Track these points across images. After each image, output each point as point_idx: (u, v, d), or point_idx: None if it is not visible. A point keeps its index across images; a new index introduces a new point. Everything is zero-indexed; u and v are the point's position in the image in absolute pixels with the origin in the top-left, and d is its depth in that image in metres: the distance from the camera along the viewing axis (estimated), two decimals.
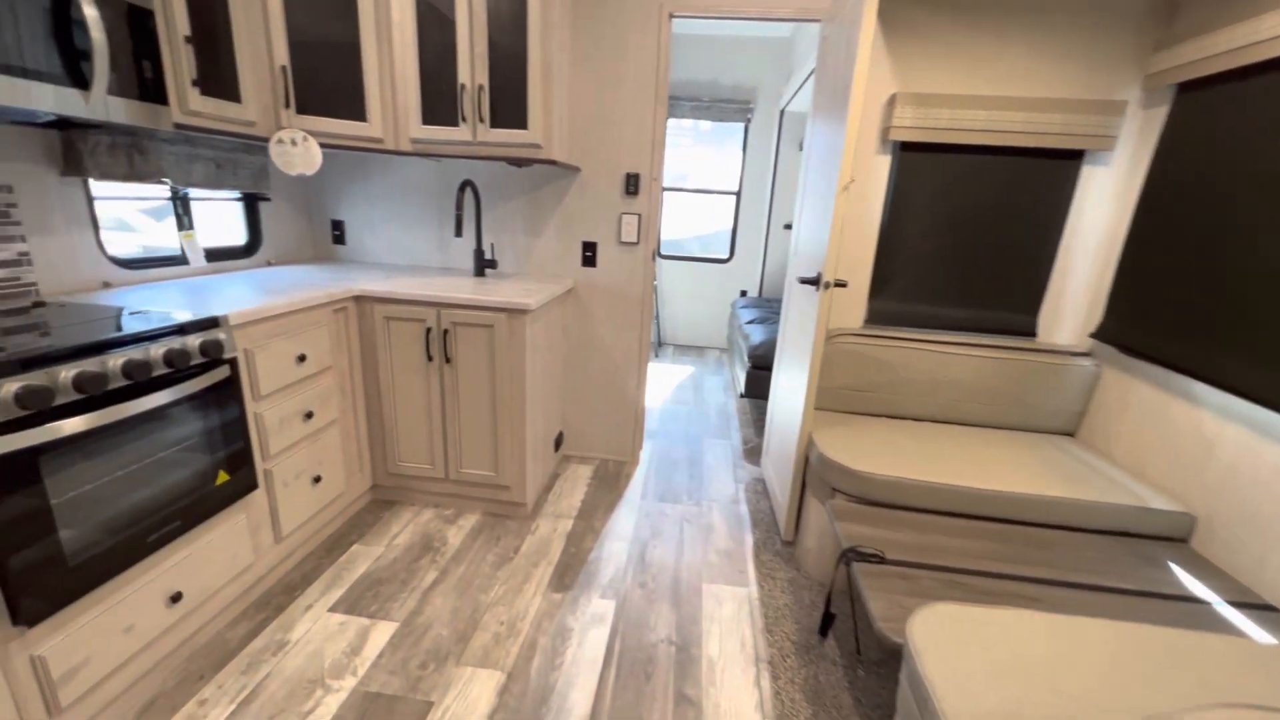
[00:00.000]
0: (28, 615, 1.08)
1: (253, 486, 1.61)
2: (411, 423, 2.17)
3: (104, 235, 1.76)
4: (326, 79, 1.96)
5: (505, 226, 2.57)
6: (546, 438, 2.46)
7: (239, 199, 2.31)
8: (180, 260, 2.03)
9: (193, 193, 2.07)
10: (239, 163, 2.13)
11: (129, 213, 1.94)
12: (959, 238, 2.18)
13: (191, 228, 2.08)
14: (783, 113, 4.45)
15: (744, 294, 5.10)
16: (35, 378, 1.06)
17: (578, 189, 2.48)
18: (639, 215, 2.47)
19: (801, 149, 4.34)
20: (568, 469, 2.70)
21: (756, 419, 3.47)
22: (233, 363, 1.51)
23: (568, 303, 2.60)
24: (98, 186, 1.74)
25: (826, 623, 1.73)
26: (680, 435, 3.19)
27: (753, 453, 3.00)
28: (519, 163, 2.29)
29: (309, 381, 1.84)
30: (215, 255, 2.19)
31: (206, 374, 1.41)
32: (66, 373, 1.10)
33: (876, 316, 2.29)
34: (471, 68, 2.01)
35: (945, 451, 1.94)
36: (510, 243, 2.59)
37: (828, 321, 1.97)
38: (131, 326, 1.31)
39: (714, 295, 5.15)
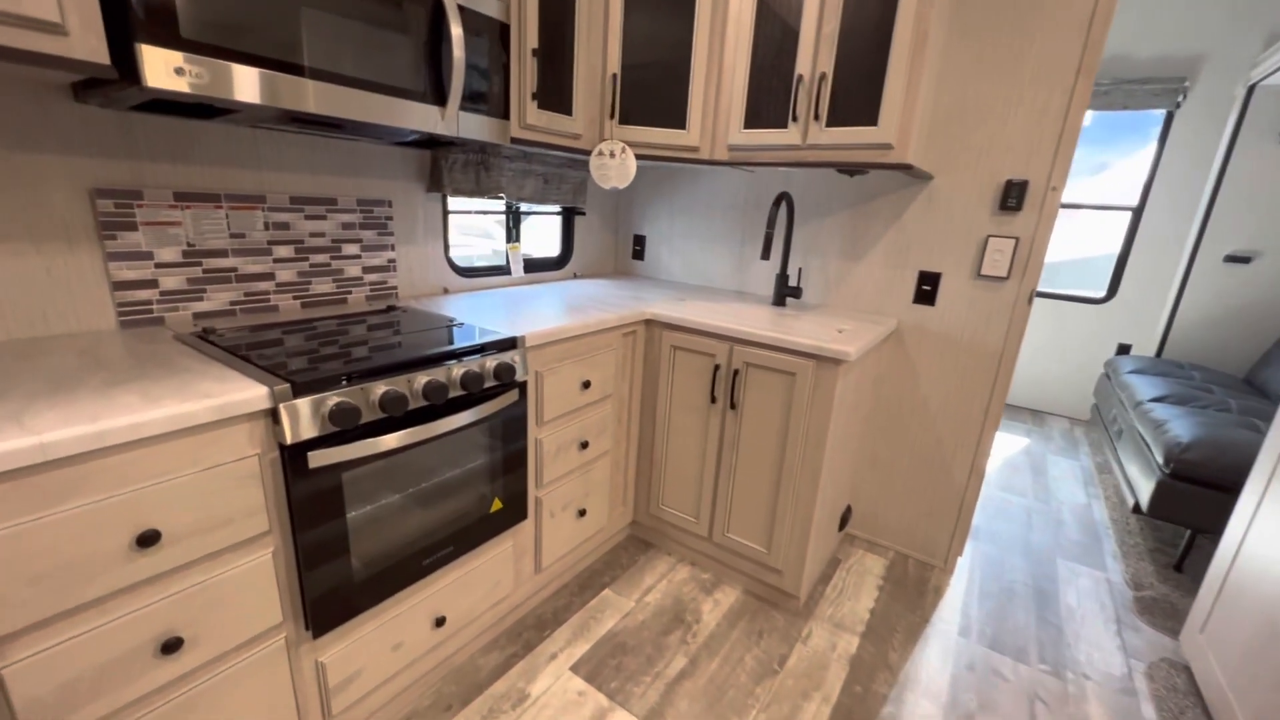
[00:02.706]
0: (318, 623, 1.09)
1: (522, 516, 1.53)
2: (681, 467, 1.91)
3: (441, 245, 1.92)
4: (651, 86, 1.81)
5: (817, 248, 2.13)
6: (832, 512, 1.95)
7: (559, 213, 2.40)
8: (504, 270, 2.16)
9: (522, 207, 2.18)
10: (563, 178, 2.18)
11: (468, 225, 2.12)
12: None
13: (518, 240, 2.20)
14: (1252, 89, 2.96)
15: (1124, 350, 3.64)
16: (350, 394, 1.04)
17: (924, 202, 1.89)
18: (1016, 240, 1.75)
19: None
20: (852, 555, 2.13)
21: (1155, 548, 2.30)
22: (522, 386, 1.42)
23: (885, 347, 2.03)
24: (450, 202, 1.90)
25: None
26: (1015, 542, 2.29)
27: (1156, 608, 1.94)
28: (852, 170, 1.82)
29: (590, 409, 1.72)
30: (531, 266, 2.29)
31: (498, 398, 1.33)
32: (377, 390, 1.07)
33: None
34: (815, 53, 1.62)
35: None
36: (819, 267, 2.14)
37: None
38: (443, 342, 1.28)
39: (1070, 345, 3.80)
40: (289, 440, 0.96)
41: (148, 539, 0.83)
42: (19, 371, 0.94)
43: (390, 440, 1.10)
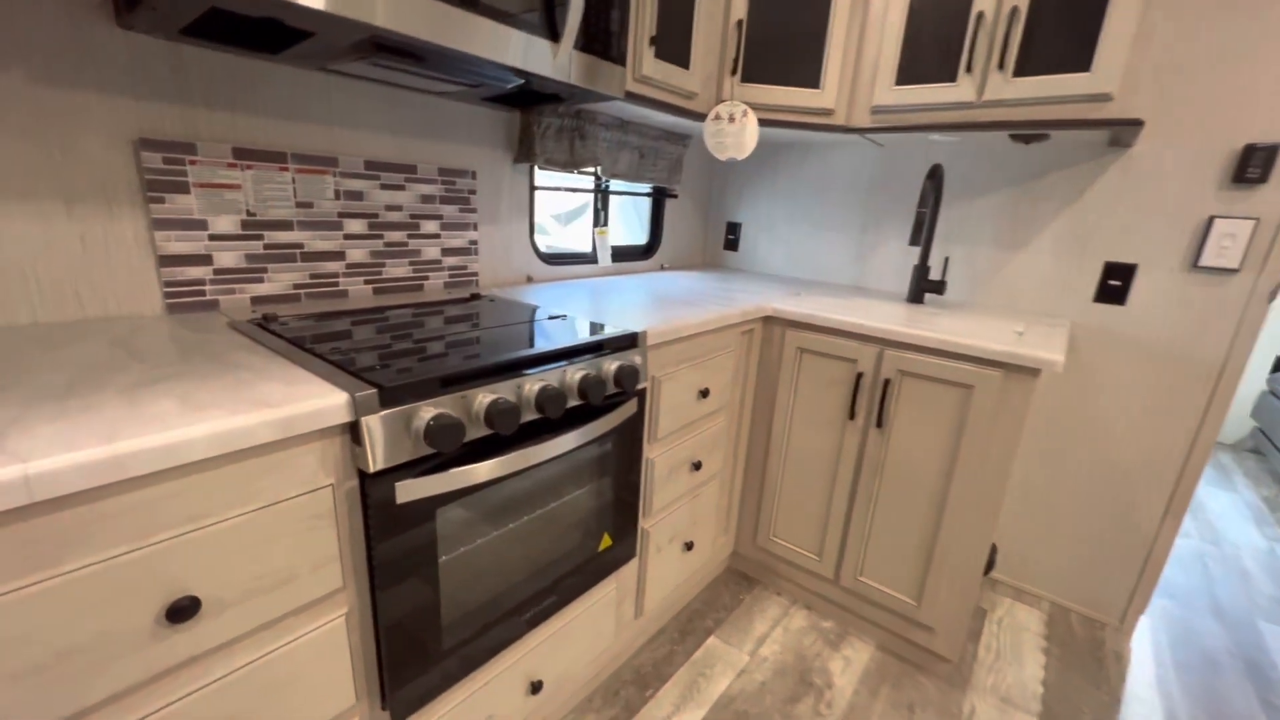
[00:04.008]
0: (398, 706, 0.83)
1: (632, 554, 1.24)
2: (801, 493, 1.59)
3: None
4: (780, 34, 1.51)
5: (964, 234, 1.78)
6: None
7: (648, 194, 2.12)
8: (590, 258, 1.89)
9: (611, 187, 1.91)
10: (659, 152, 1.90)
11: (551, 207, 1.87)
12: None
13: (606, 224, 1.93)
14: None
15: None
16: (449, 404, 0.77)
17: (1117, 175, 1.52)
18: (1256, 221, 1.36)
19: None
20: (999, 606, 1.77)
21: None
22: (641, 395, 1.14)
23: None
24: (537, 178, 1.65)
25: None
26: (1198, 596, 1.87)
27: None
28: (1030, 136, 1.48)
29: (705, 421, 1.42)
30: (617, 255, 2.02)
31: (618, 409, 1.05)
32: (481, 398, 0.81)
33: None
34: None
35: None
36: (966, 257, 1.79)
37: None
38: (551, 337, 1.02)
39: None
40: (373, 466, 0.70)
41: (182, 610, 0.58)
42: (34, 364, 0.71)
43: (496, 465, 0.84)
